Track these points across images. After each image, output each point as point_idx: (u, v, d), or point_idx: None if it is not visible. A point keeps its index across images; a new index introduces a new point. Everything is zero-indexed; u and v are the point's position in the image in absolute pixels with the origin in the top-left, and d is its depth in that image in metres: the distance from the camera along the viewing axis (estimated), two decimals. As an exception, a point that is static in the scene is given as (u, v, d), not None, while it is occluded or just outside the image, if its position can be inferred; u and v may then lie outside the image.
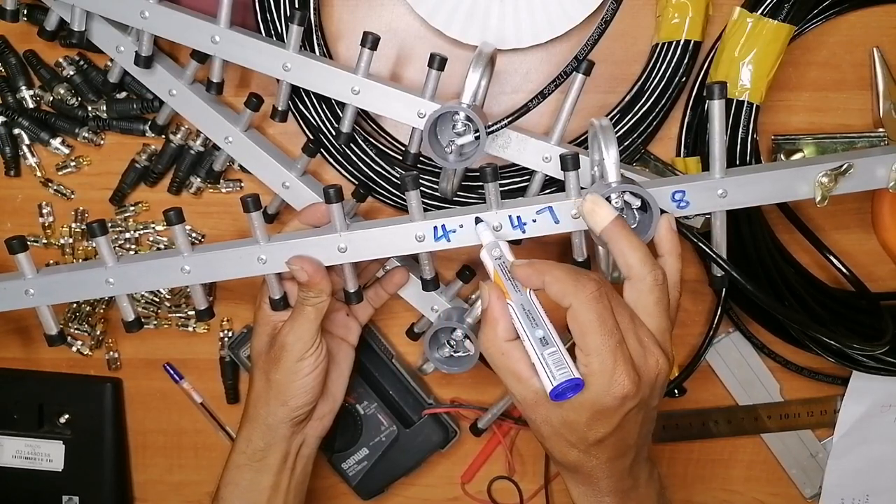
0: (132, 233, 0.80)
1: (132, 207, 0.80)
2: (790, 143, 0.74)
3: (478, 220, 0.63)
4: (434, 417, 0.80)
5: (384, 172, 0.74)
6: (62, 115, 0.77)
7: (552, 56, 0.74)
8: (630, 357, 0.55)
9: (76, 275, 0.68)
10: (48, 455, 0.83)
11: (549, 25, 0.71)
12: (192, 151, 0.77)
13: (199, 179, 0.78)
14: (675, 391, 0.77)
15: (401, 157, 0.72)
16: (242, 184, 0.79)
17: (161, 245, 0.80)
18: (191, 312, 0.81)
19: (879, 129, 0.73)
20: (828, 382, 0.80)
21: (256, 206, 0.65)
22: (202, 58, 0.70)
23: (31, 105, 0.77)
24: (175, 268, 0.67)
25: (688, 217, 0.66)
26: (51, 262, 0.80)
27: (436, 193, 0.73)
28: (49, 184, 0.79)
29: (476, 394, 0.82)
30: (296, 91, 0.72)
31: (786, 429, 0.81)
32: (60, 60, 0.76)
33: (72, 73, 0.76)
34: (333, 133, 0.73)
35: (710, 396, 0.82)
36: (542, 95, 0.66)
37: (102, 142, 0.78)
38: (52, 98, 0.77)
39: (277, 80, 0.70)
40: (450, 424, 0.80)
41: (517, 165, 0.70)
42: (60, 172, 0.79)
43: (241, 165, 0.76)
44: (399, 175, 0.73)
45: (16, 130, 0.78)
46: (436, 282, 0.69)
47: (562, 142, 0.68)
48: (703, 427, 0.82)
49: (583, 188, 0.63)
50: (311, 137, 0.74)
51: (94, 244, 0.67)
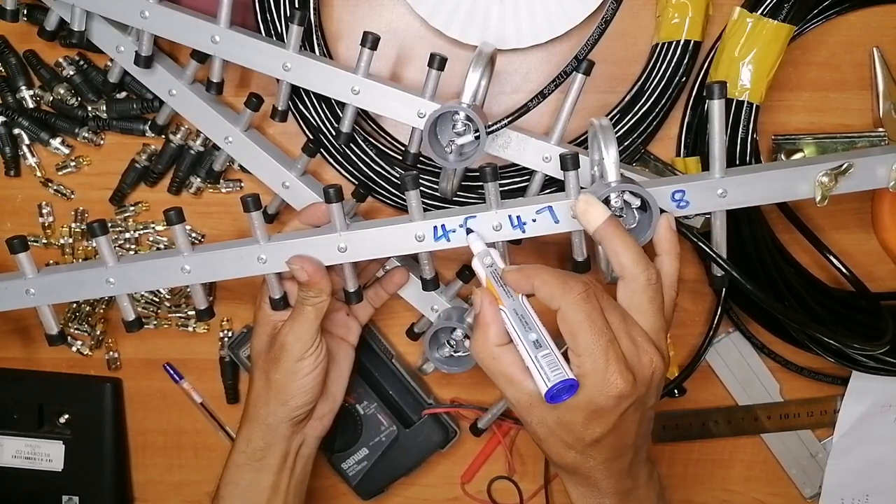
0: (132, 233, 0.80)
1: (132, 207, 0.80)
2: (790, 143, 0.74)
3: (469, 231, 0.64)
4: (434, 417, 0.80)
5: (384, 172, 0.74)
6: (62, 115, 0.77)
7: (552, 56, 0.74)
8: (623, 356, 0.55)
9: (76, 274, 0.68)
10: (48, 455, 0.83)
11: (549, 25, 0.71)
12: (192, 151, 0.77)
13: (199, 179, 0.78)
14: (675, 391, 0.77)
15: (401, 157, 0.72)
16: (242, 184, 0.79)
17: (161, 245, 0.80)
18: (191, 312, 0.81)
19: (879, 129, 0.73)
20: (828, 382, 0.80)
21: (256, 206, 0.65)
22: (202, 58, 0.70)
23: (31, 105, 0.77)
24: (175, 268, 0.67)
25: (688, 217, 0.66)
26: (51, 262, 0.80)
27: (436, 193, 0.73)
28: (49, 184, 0.79)
29: (476, 394, 0.82)
30: (296, 91, 0.72)
31: (786, 429, 0.81)
32: (60, 60, 0.76)
33: (72, 73, 0.76)
34: (333, 133, 0.73)
35: (710, 396, 0.82)
36: (542, 95, 0.66)
37: (102, 142, 0.78)
38: (52, 98, 0.77)
39: (277, 80, 0.70)
40: (450, 424, 0.80)
41: (517, 165, 0.70)
42: (60, 172, 0.79)
43: (241, 165, 0.76)
44: (399, 175, 0.73)
45: (16, 130, 0.78)
46: (436, 281, 0.69)
47: (562, 142, 0.68)
48: (703, 427, 0.82)
49: (583, 188, 0.63)
50: (311, 137, 0.74)
51: (95, 244, 0.67)
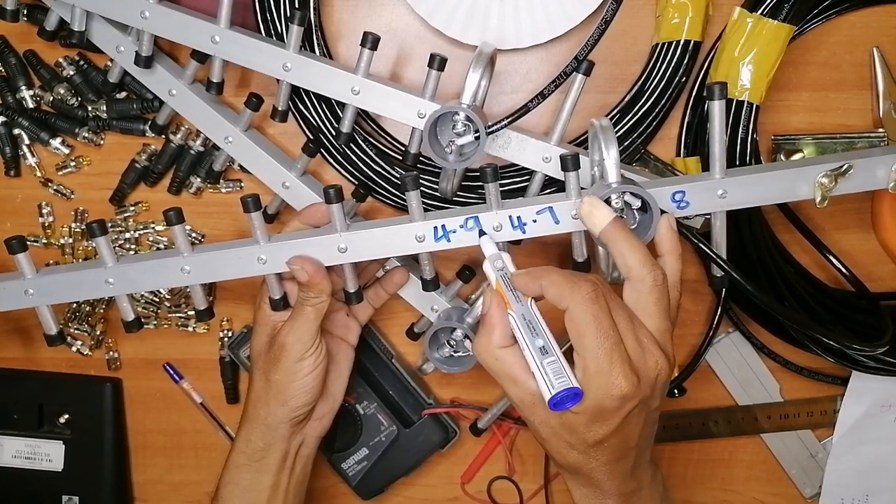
0: (132, 233, 0.80)
1: (132, 207, 0.80)
2: (790, 143, 0.74)
3: (482, 233, 0.63)
4: (434, 417, 0.80)
5: (384, 172, 0.74)
6: (62, 115, 0.77)
7: (552, 56, 0.74)
8: (628, 357, 0.55)
9: (76, 275, 0.68)
10: (48, 455, 0.83)
11: (549, 25, 0.71)
12: (192, 151, 0.77)
13: (199, 179, 0.78)
14: (675, 391, 0.77)
15: (401, 157, 0.72)
16: (242, 184, 0.79)
17: (161, 245, 0.80)
18: (191, 312, 0.81)
19: (879, 130, 0.73)
20: (828, 382, 0.80)
21: (256, 207, 0.65)
22: (202, 58, 0.70)
23: (31, 105, 0.77)
24: (175, 268, 0.67)
25: (688, 217, 0.66)
26: (51, 262, 0.80)
27: (436, 193, 0.73)
28: (49, 184, 0.79)
29: (476, 394, 0.82)
30: (296, 91, 0.72)
31: (786, 429, 0.81)
32: (60, 60, 0.76)
33: (72, 73, 0.76)
34: (333, 133, 0.73)
35: (710, 396, 0.82)
36: (542, 96, 0.66)
37: (102, 142, 0.78)
38: (52, 98, 0.77)
39: (277, 80, 0.70)
40: (450, 424, 0.80)
41: (517, 165, 0.70)
42: (60, 172, 0.79)
43: (241, 165, 0.76)
44: (399, 175, 0.74)
45: (16, 130, 0.78)
46: (436, 282, 0.69)
47: (562, 142, 0.68)
48: (703, 427, 0.82)
49: (583, 188, 0.63)
50: (311, 137, 0.74)
51: (94, 244, 0.67)
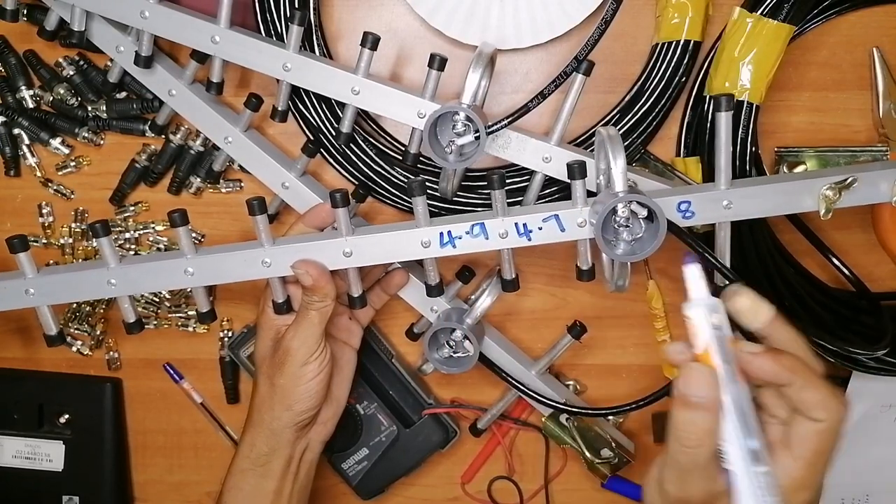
0: (132, 233, 0.80)
1: (132, 207, 0.80)
2: (793, 156, 0.74)
3: (690, 261, 0.51)
4: (434, 417, 0.80)
5: (384, 172, 0.74)
6: (62, 115, 0.77)
7: (552, 56, 0.74)
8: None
9: (77, 275, 0.68)
10: (48, 455, 0.83)
11: (549, 25, 0.71)
12: (192, 151, 0.77)
13: (199, 179, 0.78)
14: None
15: (401, 158, 0.73)
16: (242, 184, 0.79)
17: (161, 245, 0.80)
18: (191, 312, 0.81)
19: (881, 145, 0.73)
20: (828, 382, 0.80)
21: (262, 210, 0.64)
22: (202, 58, 0.70)
23: (31, 105, 0.77)
24: (178, 270, 0.67)
25: (693, 228, 0.66)
26: (51, 262, 0.80)
27: (436, 193, 0.73)
28: (49, 184, 0.79)
29: (476, 394, 0.82)
30: (296, 91, 0.72)
31: (786, 429, 0.81)
32: (60, 60, 0.76)
33: (72, 73, 0.76)
34: (333, 133, 0.73)
35: (710, 396, 0.81)
36: (542, 96, 0.66)
37: (102, 142, 0.78)
38: (52, 98, 0.77)
39: (277, 81, 0.70)
40: (450, 424, 0.80)
41: (517, 165, 0.70)
42: (60, 172, 0.79)
43: (241, 165, 0.76)
44: (399, 174, 0.74)
45: (16, 130, 0.78)
46: (440, 287, 0.69)
47: (562, 142, 0.68)
48: (703, 427, 0.81)
49: (590, 194, 0.63)
50: (311, 138, 0.74)
51: (96, 244, 0.67)
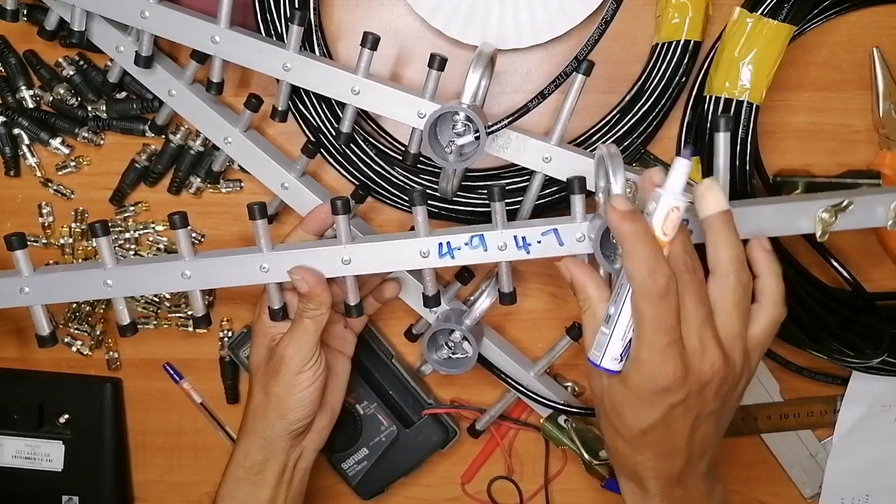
0: (132, 233, 0.80)
1: (132, 207, 0.80)
2: (790, 184, 0.74)
3: (683, 155, 0.55)
4: (434, 417, 0.80)
5: (384, 172, 0.74)
6: (62, 115, 0.77)
7: (552, 56, 0.74)
8: (683, 354, 0.55)
9: (74, 275, 0.67)
10: (48, 455, 0.83)
11: (549, 25, 0.71)
12: (192, 151, 0.77)
13: (199, 179, 0.78)
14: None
15: (401, 158, 0.72)
16: (242, 184, 0.79)
17: (161, 245, 0.80)
18: (191, 312, 0.81)
19: (877, 180, 0.74)
20: (828, 382, 0.80)
21: (262, 214, 0.64)
22: (202, 58, 0.70)
23: (31, 105, 0.77)
24: (175, 272, 0.67)
25: None
26: (51, 262, 0.80)
27: (435, 193, 0.73)
28: (49, 184, 0.79)
29: (475, 394, 0.82)
30: (295, 91, 0.72)
31: (786, 429, 0.81)
32: (60, 60, 0.76)
33: (72, 73, 0.76)
34: (333, 133, 0.73)
35: (710, 396, 0.82)
36: (543, 96, 0.66)
37: (102, 142, 0.78)
38: (52, 98, 0.77)
39: (277, 81, 0.70)
40: (450, 424, 0.80)
41: (517, 165, 0.70)
42: (60, 172, 0.79)
43: (241, 166, 0.76)
44: (399, 174, 0.74)
45: (16, 130, 0.78)
46: (437, 298, 0.68)
47: (562, 142, 0.68)
48: (703, 427, 0.82)
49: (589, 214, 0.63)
50: (311, 138, 0.74)
51: (96, 244, 0.67)
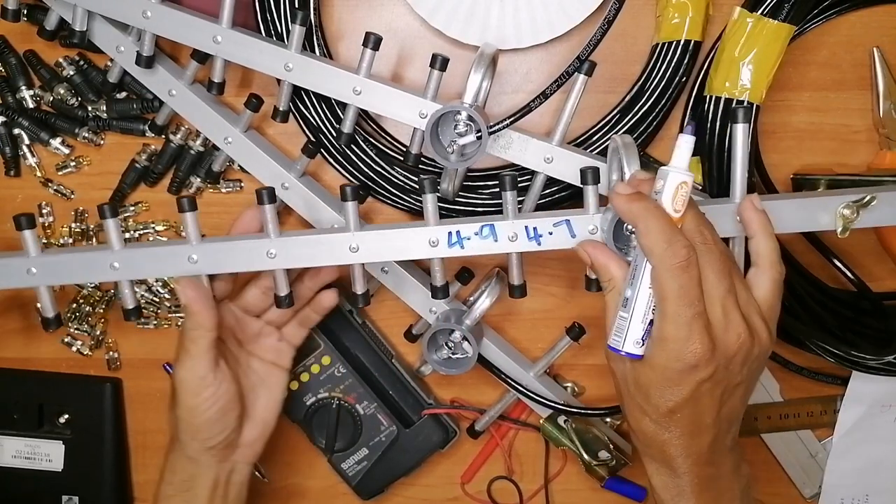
0: (132, 233, 0.80)
1: (132, 207, 0.80)
2: (809, 183, 0.73)
3: (687, 131, 0.57)
4: (434, 417, 0.80)
5: (384, 173, 0.74)
6: (62, 115, 0.77)
7: (552, 56, 0.74)
8: (709, 327, 0.54)
9: (81, 256, 0.67)
10: (48, 455, 0.83)
11: (549, 25, 0.72)
12: (192, 151, 0.77)
13: (199, 179, 0.78)
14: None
15: (401, 158, 0.73)
16: (242, 184, 0.79)
17: (161, 245, 0.80)
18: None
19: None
20: (828, 382, 0.80)
21: (271, 199, 0.64)
22: (202, 58, 0.70)
23: (31, 105, 0.77)
24: (182, 256, 0.66)
25: None
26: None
27: (437, 193, 0.73)
28: (49, 184, 0.79)
29: (475, 394, 0.82)
30: (296, 91, 0.72)
31: (786, 429, 0.81)
32: (60, 60, 0.76)
33: (72, 73, 0.76)
34: (334, 133, 0.73)
35: (710, 396, 0.82)
36: (545, 95, 0.66)
37: (102, 142, 0.78)
38: (52, 98, 0.77)
39: (278, 81, 0.70)
40: (449, 424, 0.80)
41: (517, 165, 0.70)
42: (60, 172, 0.79)
43: (241, 166, 0.76)
44: (399, 174, 0.74)
45: (16, 130, 0.78)
46: (446, 289, 0.67)
47: (563, 142, 0.68)
48: (703, 427, 0.82)
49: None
50: (311, 138, 0.74)
51: (103, 226, 0.65)
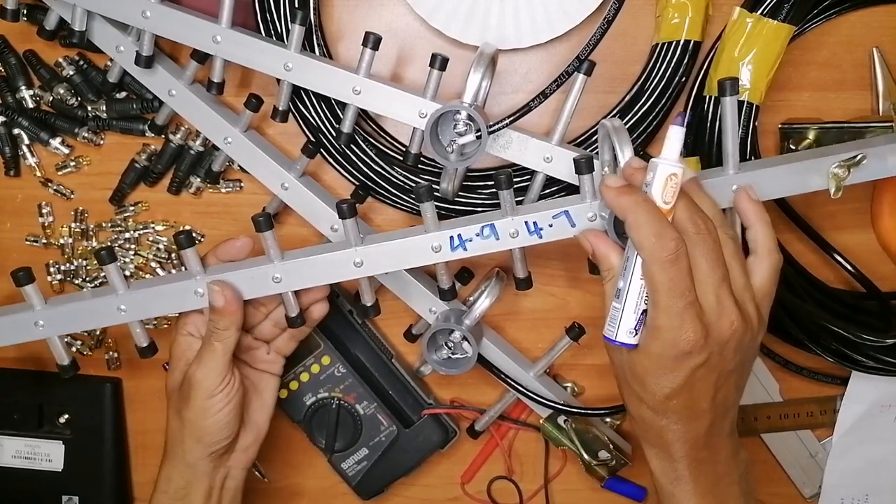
0: (132, 233, 0.80)
1: (132, 207, 0.80)
2: (797, 132, 0.74)
3: (679, 124, 0.57)
4: (434, 417, 0.80)
5: (384, 173, 0.74)
6: (62, 115, 0.77)
7: (552, 56, 0.74)
8: (702, 315, 0.55)
9: (87, 304, 0.68)
10: (48, 455, 0.83)
11: (549, 25, 0.72)
12: (192, 151, 0.77)
13: (199, 179, 0.78)
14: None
15: (401, 158, 0.73)
16: (242, 184, 0.79)
17: (161, 245, 0.80)
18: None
19: (890, 122, 0.72)
20: (828, 382, 0.80)
21: (269, 226, 0.64)
22: (202, 58, 0.70)
23: (31, 105, 0.77)
24: (188, 291, 0.67)
25: None
26: (51, 262, 0.80)
27: (437, 194, 0.73)
28: (49, 184, 0.79)
29: (475, 394, 0.82)
30: (296, 91, 0.72)
31: (786, 429, 0.81)
32: (60, 60, 0.76)
33: (71, 73, 0.76)
34: (333, 133, 0.73)
35: (710, 396, 0.82)
36: (544, 95, 0.66)
37: (102, 142, 0.78)
38: (52, 98, 0.77)
39: (278, 81, 0.70)
40: (449, 424, 0.80)
41: (517, 165, 0.70)
42: (60, 172, 0.79)
43: (241, 166, 0.76)
44: (399, 174, 0.74)
45: (16, 130, 0.78)
46: (453, 291, 0.68)
47: (563, 142, 0.68)
48: (703, 427, 0.82)
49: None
50: (311, 138, 0.74)
51: (104, 272, 0.67)
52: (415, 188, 0.61)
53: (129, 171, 0.78)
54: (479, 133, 0.64)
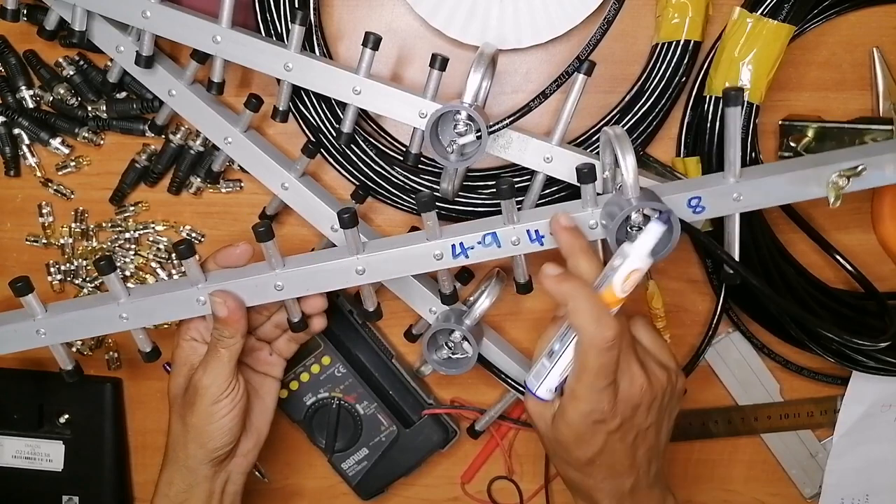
0: (132, 233, 0.80)
1: (132, 207, 0.80)
2: (797, 129, 0.74)
3: (661, 221, 0.58)
4: (434, 417, 0.80)
5: (384, 173, 0.74)
6: (62, 115, 0.77)
7: (552, 56, 0.74)
8: (616, 389, 0.59)
9: (89, 312, 0.68)
10: (48, 455, 0.83)
11: (550, 25, 0.72)
12: (192, 151, 0.77)
13: (199, 179, 0.78)
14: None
15: (401, 158, 0.73)
16: (242, 184, 0.79)
17: (161, 245, 0.80)
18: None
19: (888, 126, 0.72)
20: (828, 382, 0.80)
21: (269, 236, 0.64)
22: (202, 58, 0.70)
23: (31, 105, 0.77)
24: (190, 298, 0.67)
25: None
26: (51, 262, 0.80)
27: (436, 194, 0.73)
28: (49, 184, 0.79)
29: (475, 394, 0.82)
30: (296, 91, 0.72)
31: (786, 429, 0.81)
32: (60, 60, 0.76)
33: (72, 73, 0.76)
34: (333, 133, 0.73)
35: (710, 396, 0.82)
36: (544, 95, 0.66)
37: (102, 142, 0.78)
38: (52, 98, 0.77)
39: (278, 81, 0.70)
40: (450, 424, 0.80)
41: (517, 165, 0.70)
42: (60, 172, 0.79)
43: (241, 166, 0.76)
44: (399, 174, 0.74)
45: (16, 130, 0.78)
46: (455, 295, 0.69)
47: (563, 142, 0.68)
48: (703, 427, 0.82)
49: (599, 195, 0.63)
50: (311, 138, 0.74)
51: (104, 282, 0.67)
52: (417, 198, 0.61)
53: (130, 171, 0.78)
54: (480, 133, 0.65)
